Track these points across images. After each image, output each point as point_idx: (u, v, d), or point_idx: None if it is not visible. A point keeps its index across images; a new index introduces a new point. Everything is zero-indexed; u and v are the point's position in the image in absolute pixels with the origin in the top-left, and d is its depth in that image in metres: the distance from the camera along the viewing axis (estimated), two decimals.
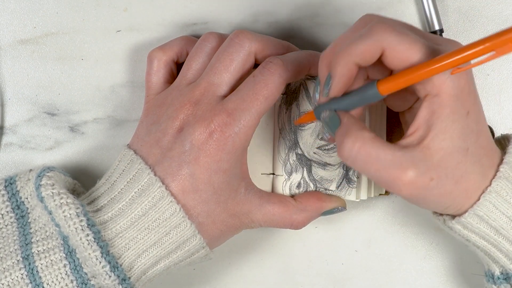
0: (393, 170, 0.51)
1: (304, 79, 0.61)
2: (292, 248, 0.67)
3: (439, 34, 0.64)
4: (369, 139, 0.52)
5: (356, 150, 0.51)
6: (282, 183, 0.63)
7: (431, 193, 0.53)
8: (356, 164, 0.52)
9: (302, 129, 0.62)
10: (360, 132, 0.52)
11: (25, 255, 0.56)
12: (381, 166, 0.51)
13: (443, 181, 0.53)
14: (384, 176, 0.52)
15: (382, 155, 0.51)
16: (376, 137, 0.52)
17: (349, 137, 0.52)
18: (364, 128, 0.52)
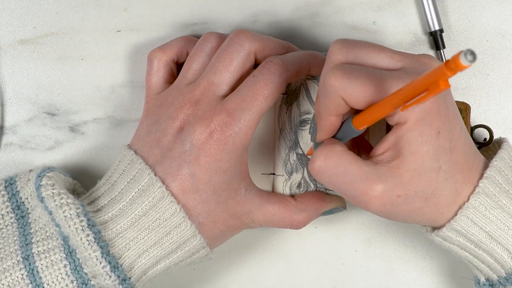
0: (359, 184, 0.52)
1: (304, 79, 0.61)
2: (292, 248, 0.67)
3: (439, 34, 0.64)
4: (338, 152, 0.52)
5: (322, 160, 0.52)
6: (282, 183, 0.63)
7: (399, 209, 0.53)
8: (322, 177, 0.53)
9: (302, 129, 0.62)
10: (331, 146, 0.53)
11: (25, 255, 0.56)
12: (348, 179, 0.52)
13: (411, 198, 0.53)
14: (351, 189, 0.52)
15: (350, 169, 0.52)
16: (346, 151, 0.52)
17: (320, 149, 0.53)
18: (337, 143, 0.53)
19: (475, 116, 0.65)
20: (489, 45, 0.65)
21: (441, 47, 0.64)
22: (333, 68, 0.52)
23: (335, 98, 0.52)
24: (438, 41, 0.64)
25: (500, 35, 0.65)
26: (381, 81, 0.51)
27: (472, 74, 0.65)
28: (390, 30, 0.65)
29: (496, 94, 0.65)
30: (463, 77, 0.65)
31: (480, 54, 0.65)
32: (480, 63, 0.65)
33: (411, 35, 0.65)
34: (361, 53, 0.53)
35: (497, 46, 0.65)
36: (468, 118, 0.63)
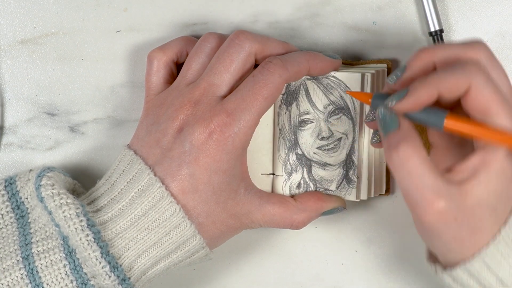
0: (428, 193, 0.52)
1: (304, 80, 0.61)
2: (292, 248, 0.67)
3: (439, 34, 0.64)
4: (423, 155, 0.52)
5: (406, 158, 0.52)
6: (282, 183, 0.63)
7: (447, 232, 0.53)
8: (398, 171, 0.52)
9: (302, 129, 0.62)
10: (418, 145, 0.52)
11: (25, 255, 0.56)
12: (420, 184, 0.52)
13: (462, 227, 0.53)
14: (417, 194, 0.52)
15: (426, 175, 0.52)
16: (428, 157, 0.52)
17: (407, 144, 0.52)
18: (422, 145, 0.53)
19: None
20: (489, 45, 0.64)
21: None
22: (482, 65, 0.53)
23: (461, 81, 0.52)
24: (438, 41, 0.64)
25: (500, 35, 0.65)
26: None
27: None
28: (390, 30, 0.65)
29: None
30: None
31: None
32: None
33: (411, 35, 0.65)
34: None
35: (497, 46, 0.65)
36: None
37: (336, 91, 0.61)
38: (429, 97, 0.53)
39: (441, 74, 0.53)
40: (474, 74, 0.52)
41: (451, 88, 0.52)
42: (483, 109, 0.52)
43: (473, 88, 0.52)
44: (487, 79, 0.52)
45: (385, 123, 0.54)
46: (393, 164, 0.53)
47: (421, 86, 0.53)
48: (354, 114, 0.61)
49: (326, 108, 0.61)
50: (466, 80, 0.52)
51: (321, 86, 0.61)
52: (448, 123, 0.53)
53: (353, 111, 0.61)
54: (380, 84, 0.63)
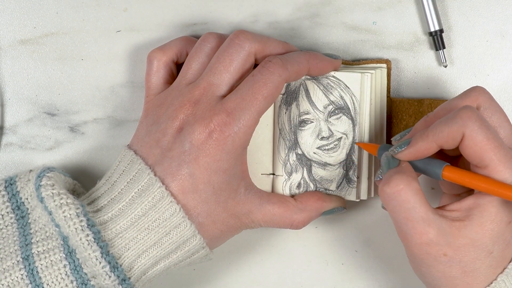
0: (418, 224, 0.53)
1: (303, 80, 0.61)
2: (292, 248, 0.67)
3: (439, 34, 0.64)
4: (415, 189, 0.53)
5: (398, 190, 0.53)
6: (282, 183, 0.63)
7: (436, 267, 0.54)
8: (390, 202, 0.53)
9: (302, 129, 0.62)
10: (412, 179, 0.53)
11: (25, 255, 0.56)
12: (410, 215, 0.53)
13: (453, 264, 0.54)
14: (407, 226, 0.53)
15: (417, 208, 0.53)
16: (421, 191, 0.53)
17: (400, 176, 0.53)
18: (416, 180, 0.54)
19: None
20: (489, 45, 0.65)
21: (441, 47, 0.64)
22: (475, 110, 0.53)
23: (457, 132, 0.53)
24: (438, 41, 0.64)
25: (500, 35, 0.65)
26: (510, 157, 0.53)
27: (472, 74, 0.65)
28: (390, 30, 0.65)
29: (496, 94, 0.65)
30: (463, 77, 0.65)
31: (480, 54, 0.65)
32: (480, 63, 0.65)
33: (411, 35, 0.65)
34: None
35: (497, 46, 0.65)
36: None
37: (336, 91, 0.61)
38: (427, 149, 0.54)
39: (436, 126, 0.54)
40: (466, 121, 0.53)
41: (447, 139, 0.53)
42: (477, 156, 0.53)
43: (466, 136, 0.53)
44: (481, 125, 0.52)
45: (387, 163, 0.56)
46: (384, 195, 0.54)
47: (420, 139, 0.54)
48: (354, 114, 0.61)
49: (326, 108, 0.61)
50: (459, 129, 0.53)
51: (321, 86, 0.61)
52: (445, 175, 0.54)
53: (353, 111, 0.61)
54: (380, 84, 0.63)
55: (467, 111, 0.53)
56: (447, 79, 0.65)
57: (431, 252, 0.53)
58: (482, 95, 0.56)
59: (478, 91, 0.56)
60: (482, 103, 0.55)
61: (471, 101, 0.55)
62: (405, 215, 0.53)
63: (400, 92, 0.65)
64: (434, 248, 0.53)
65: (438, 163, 0.55)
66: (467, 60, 0.65)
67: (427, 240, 0.53)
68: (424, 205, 0.53)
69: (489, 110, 0.55)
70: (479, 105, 0.55)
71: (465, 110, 0.53)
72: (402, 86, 0.65)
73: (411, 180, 0.53)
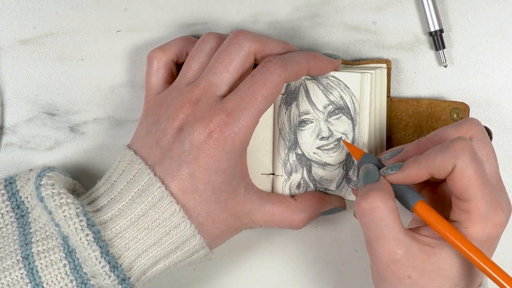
0: (389, 244, 0.53)
1: (303, 80, 0.61)
2: (292, 248, 0.67)
3: (439, 34, 0.64)
4: (390, 207, 0.53)
5: (375, 206, 0.53)
6: (282, 183, 0.63)
7: (398, 286, 0.54)
8: (365, 217, 0.54)
9: (302, 129, 0.62)
10: (389, 197, 0.53)
11: (25, 254, 0.56)
12: (382, 234, 0.53)
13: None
14: (377, 242, 0.54)
15: (390, 228, 0.53)
16: (396, 211, 0.53)
17: (380, 194, 0.53)
18: (393, 198, 0.54)
19: (475, 116, 0.65)
20: (489, 45, 0.65)
21: (441, 47, 0.64)
22: (469, 143, 0.53)
23: (449, 163, 0.52)
24: (438, 41, 0.64)
25: (500, 35, 0.65)
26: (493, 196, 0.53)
27: (472, 74, 0.65)
28: (390, 30, 0.65)
29: (496, 94, 0.65)
30: (463, 77, 0.65)
31: (480, 54, 0.65)
32: (480, 63, 0.65)
33: (411, 35, 0.65)
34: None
35: (497, 46, 0.65)
36: None
37: (336, 91, 0.61)
38: (418, 175, 0.54)
39: (429, 154, 0.54)
40: (460, 153, 0.52)
41: (439, 168, 0.53)
42: (463, 189, 0.53)
43: (457, 168, 0.53)
44: (472, 159, 0.52)
45: (366, 176, 0.56)
46: (359, 210, 0.54)
47: (413, 165, 0.54)
48: (353, 114, 0.61)
49: (326, 108, 0.61)
50: (452, 160, 0.53)
51: (321, 86, 0.61)
52: (417, 209, 0.54)
53: (353, 111, 0.61)
54: (380, 84, 0.63)
55: (461, 143, 0.53)
56: (447, 79, 0.65)
57: (396, 271, 0.54)
58: (476, 126, 0.56)
59: (473, 122, 0.56)
60: (475, 135, 0.55)
61: (465, 131, 0.55)
62: (376, 232, 0.53)
63: (400, 92, 0.65)
64: (400, 269, 0.53)
65: (414, 195, 0.55)
66: (467, 60, 0.65)
67: (394, 259, 0.53)
68: (397, 225, 0.53)
69: (480, 143, 0.55)
70: (472, 136, 0.55)
71: (459, 142, 0.53)
72: (402, 86, 0.65)
73: (388, 198, 0.53)
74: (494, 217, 0.53)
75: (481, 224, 0.53)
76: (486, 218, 0.53)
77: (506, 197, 0.56)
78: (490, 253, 0.55)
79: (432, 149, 0.54)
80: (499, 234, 0.54)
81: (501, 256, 0.66)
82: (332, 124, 0.62)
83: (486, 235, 0.53)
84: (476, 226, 0.53)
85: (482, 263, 0.52)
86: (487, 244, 0.54)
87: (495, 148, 0.59)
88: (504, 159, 0.65)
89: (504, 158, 0.65)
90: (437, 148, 0.54)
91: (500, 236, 0.55)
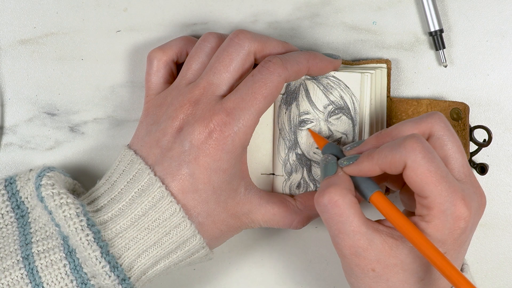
0: (349, 238, 0.53)
1: (303, 79, 0.61)
2: (292, 248, 0.67)
3: (439, 34, 0.64)
4: (349, 201, 0.53)
5: (333, 202, 0.53)
6: (282, 183, 0.63)
7: (363, 280, 0.54)
8: (325, 213, 0.54)
9: (302, 129, 0.62)
10: (347, 191, 0.54)
11: (25, 255, 0.56)
12: (343, 229, 0.53)
13: (380, 282, 0.54)
14: (338, 237, 0.54)
15: (350, 222, 0.53)
16: (356, 204, 0.54)
17: (337, 189, 0.53)
18: (352, 191, 0.54)
19: (475, 116, 0.65)
20: (489, 45, 0.65)
21: (441, 47, 0.64)
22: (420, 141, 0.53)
23: (399, 161, 0.52)
24: (438, 41, 0.64)
25: (500, 35, 0.65)
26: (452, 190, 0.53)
27: (472, 74, 0.65)
28: (390, 30, 0.65)
29: (496, 94, 0.65)
30: (463, 77, 0.65)
31: (480, 54, 0.65)
32: (480, 63, 0.65)
33: (411, 35, 0.65)
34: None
35: (497, 46, 0.65)
36: (466, 118, 0.63)
37: (336, 91, 0.61)
38: (371, 170, 0.54)
39: (381, 150, 0.54)
40: (410, 152, 0.52)
41: (390, 165, 0.53)
42: (418, 187, 0.53)
43: (408, 166, 0.53)
44: (424, 157, 0.52)
45: (325, 167, 0.56)
46: (318, 206, 0.54)
47: (366, 159, 0.55)
48: (354, 114, 0.61)
49: (326, 108, 0.61)
50: (401, 158, 0.53)
51: (321, 86, 0.61)
52: (373, 200, 0.54)
53: (353, 111, 0.61)
54: (380, 84, 0.63)
55: (411, 141, 0.53)
56: (447, 79, 0.65)
57: (359, 264, 0.54)
58: (437, 122, 0.55)
59: (434, 118, 0.55)
60: (435, 132, 0.55)
61: (425, 127, 0.55)
62: (337, 227, 0.53)
63: (400, 92, 0.65)
64: (363, 262, 0.54)
65: (371, 186, 0.55)
66: (467, 60, 0.65)
67: (356, 252, 0.53)
68: (357, 218, 0.53)
69: (441, 139, 0.55)
70: (432, 133, 0.55)
71: (410, 140, 0.53)
72: (402, 86, 0.65)
73: (346, 192, 0.53)
74: (454, 211, 0.53)
75: (441, 218, 0.53)
76: (446, 213, 0.53)
77: (479, 191, 0.56)
78: (457, 246, 0.54)
79: (385, 145, 0.54)
80: (463, 228, 0.53)
81: (501, 256, 0.66)
82: (332, 124, 0.62)
83: (448, 229, 0.53)
84: (437, 220, 0.53)
85: (431, 255, 0.51)
86: (451, 237, 0.53)
87: (495, 148, 0.59)
88: (504, 159, 0.65)
89: (504, 158, 0.65)
90: (389, 145, 0.54)
91: (468, 229, 0.54)
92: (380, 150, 0.54)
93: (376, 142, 0.56)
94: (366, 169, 0.54)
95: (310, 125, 0.62)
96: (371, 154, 0.54)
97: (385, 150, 0.53)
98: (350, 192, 0.54)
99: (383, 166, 0.54)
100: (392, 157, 0.53)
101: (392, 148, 0.53)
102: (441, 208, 0.52)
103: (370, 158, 0.54)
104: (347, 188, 0.54)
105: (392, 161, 0.53)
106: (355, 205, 0.53)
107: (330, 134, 0.62)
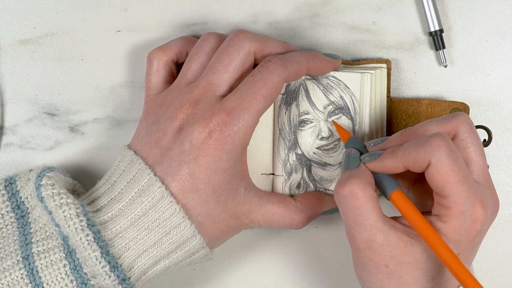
0: (366, 231, 0.53)
1: (303, 79, 0.61)
2: (292, 248, 0.67)
3: (439, 34, 0.64)
4: (369, 195, 0.53)
5: (353, 194, 0.53)
6: (282, 183, 0.63)
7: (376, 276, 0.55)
8: (343, 204, 0.54)
9: (301, 129, 0.62)
10: (368, 185, 0.54)
11: (25, 255, 0.56)
12: (360, 222, 0.54)
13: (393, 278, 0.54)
14: (355, 230, 0.54)
15: (368, 215, 0.53)
16: (375, 198, 0.54)
17: (358, 181, 0.54)
18: (372, 186, 0.54)
19: (475, 116, 0.65)
20: (489, 45, 0.65)
21: (441, 47, 0.64)
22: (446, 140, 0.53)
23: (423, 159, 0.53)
24: (438, 41, 0.64)
25: (500, 35, 0.65)
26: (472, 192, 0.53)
27: (472, 74, 0.65)
28: (390, 30, 0.65)
29: (496, 94, 0.65)
30: (463, 77, 0.65)
31: (480, 54, 0.65)
32: (480, 63, 0.65)
33: (411, 35, 0.65)
34: None
35: (497, 46, 0.65)
36: None
37: (336, 91, 0.61)
38: (394, 167, 0.54)
39: (406, 147, 0.54)
40: (435, 150, 0.52)
41: (414, 163, 0.53)
42: (440, 186, 0.53)
43: (432, 164, 0.53)
44: (448, 156, 0.52)
45: (348, 160, 0.56)
46: (338, 197, 0.54)
47: (390, 156, 0.55)
48: (354, 114, 0.61)
49: (326, 108, 0.61)
50: (426, 157, 0.53)
51: (321, 86, 0.61)
52: (392, 198, 0.55)
53: (353, 111, 0.61)
54: (380, 84, 0.63)
55: (437, 140, 0.53)
56: (447, 79, 0.65)
57: (373, 259, 0.54)
58: (463, 124, 0.55)
59: (460, 119, 0.55)
60: (460, 133, 0.55)
61: (451, 127, 0.55)
62: (355, 219, 0.54)
63: (400, 92, 0.65)
64: (377, 257, 0.54)
65: (392, 184, 0.55)
66: (467, 60, 0.65)
67: (371, 247, 0.53)
68: (376, 213, 0.53)
69: (465, 141, 0.55)
70: (457, 134, 0.55)
71: (435, 138, 0.53)
72: (402, 86, 0.65)
73: (367, 186, 0.54)
74: (473, 213, 0.53)
75: (459, 219, 0.53)
76: (464, 214, 0.53)
77: (494, 195, 0.56)
78: (470, 247, 0.55)
79: (410, 142, 0.54)
80: (478, 230, 0.54)
81: (501, 256, 0.66)
82: (332, 124, 0.62)
83: (465, 230, 0.53)
84: (454, 221, 0.53)
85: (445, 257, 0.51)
86: (466, 239, 0.54)
87: (495, 148, 0.59)
88: (504, 159, 0.65)
89: (504, 158, 0.65)
90: (414, 143, 0.54)
91: (482, 231, 0.54)
92: (405, 147, 0.54)
93: (400, 140, 0.56)
94: (389, 166, 0.54)
95: (310, 124, 0.62)
96: (395, 151, 0.54)
97: (409, 147, 0.54)
98: (371, 186, 0.54)
99: (406, 163, 0.54)
100: (416, 155, 0.53)
101: (417, 145, 0.53)
102: (460, 209, 0.53)
103: (394, 154, 0.54)
104: (368, 182, 0.54)
105: (416, 159, 0.53)
106: (375, 199, 0.54)
107: (330, 134, 0.62)
